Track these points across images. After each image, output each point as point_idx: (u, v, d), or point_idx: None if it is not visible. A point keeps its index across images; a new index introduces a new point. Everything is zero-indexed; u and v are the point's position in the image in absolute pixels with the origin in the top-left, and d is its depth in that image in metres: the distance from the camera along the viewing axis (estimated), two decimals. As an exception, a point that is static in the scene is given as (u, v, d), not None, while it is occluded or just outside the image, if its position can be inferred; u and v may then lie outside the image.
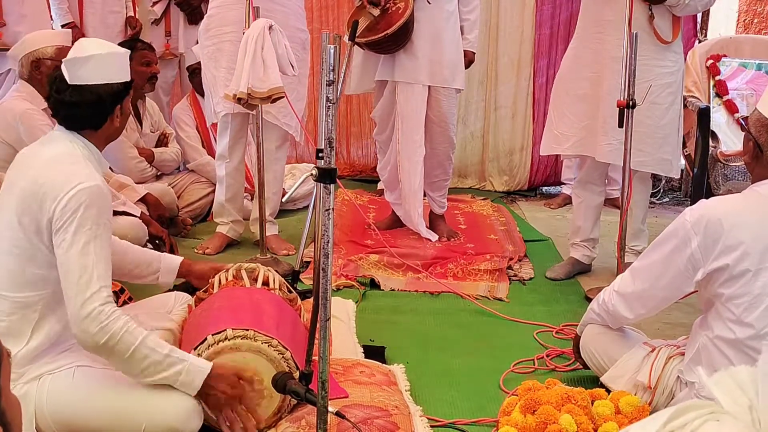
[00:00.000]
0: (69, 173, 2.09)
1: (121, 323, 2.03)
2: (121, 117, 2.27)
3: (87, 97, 2.18)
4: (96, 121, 2.22)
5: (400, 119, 4.09)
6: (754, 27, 5.82)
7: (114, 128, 2.26)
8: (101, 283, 2.04)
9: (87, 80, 2.18)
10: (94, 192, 2.07)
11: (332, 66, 1.84)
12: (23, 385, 2.10)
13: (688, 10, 3.48)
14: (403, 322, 3.28)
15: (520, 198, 5.60)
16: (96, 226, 2.06)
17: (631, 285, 2.39)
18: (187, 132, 4.79)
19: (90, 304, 2.01)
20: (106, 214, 2.11)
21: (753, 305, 2.09)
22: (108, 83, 2.20)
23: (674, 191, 5.69)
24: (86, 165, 2.15)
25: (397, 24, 3.80)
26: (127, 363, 2.06)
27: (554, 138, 3.78)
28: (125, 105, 2.28)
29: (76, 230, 2.04)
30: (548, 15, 5.65)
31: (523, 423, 2.19)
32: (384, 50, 3.98)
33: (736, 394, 0.97)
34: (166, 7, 5.16)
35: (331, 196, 1.86)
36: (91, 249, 2.04)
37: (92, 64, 2.18)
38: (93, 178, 2.10)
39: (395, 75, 4.05)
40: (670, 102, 3.55)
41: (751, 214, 2.13)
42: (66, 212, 2.04)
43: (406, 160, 4.12)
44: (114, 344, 2.02)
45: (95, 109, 2.20)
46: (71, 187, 2.05)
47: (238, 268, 2.67)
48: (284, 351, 2.23)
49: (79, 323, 2.02)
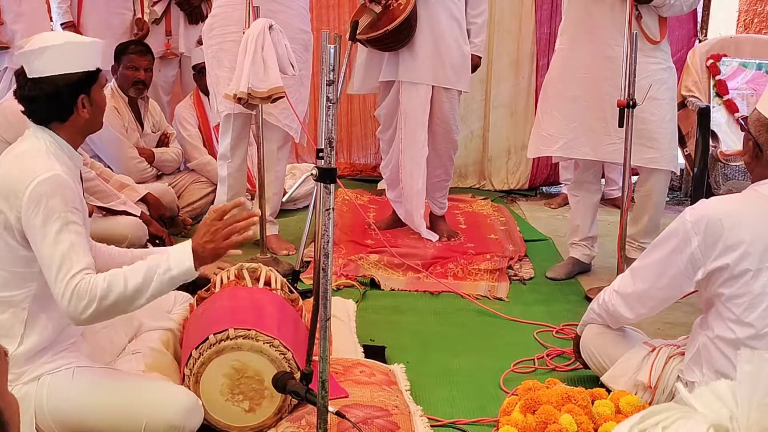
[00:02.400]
0: (28, 168, 2.07)
1: (101, 278, 2.01)
2: (93, 107, 2.20)
3: (45, 90, 2.13)
4: (60, 114, 2.17)
5: (403, 119, 4.08)
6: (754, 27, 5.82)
7: (84, 120, 2.19)
8: (81, 266, 2.01)
9: (43, 72, 2.13)
10: (54, 181, 2.04)
11: (332, 66, 1.85)
12: (22, 386, 2.10)
13: (673, 11, 3.47)
14: (404, 321, 3.29)
15: (520, 198, 5.60)
16: (65, 213, 2.03)
17: (631, 285, 2.39)
18: (189, 131, 4.79)
19: (71, 285, 1.99)
20: (72, 201, 2.06)
21: (753, 305, 2.09)
22: (65, 74, 2.13)
23: (674, 191, 5.68)
24: (47, 158, 2.11)
25: (398, 20, 3.79)
26: (127, 299, 2.03)
27: (542, 140, 3.75)
28: (94, 95, 2.20)
29: (44, 222, 2.02)
30: (547, 14, 5.65)
31: (523, 423, 2.19)
32: (386, 47, 3.97)
33: (716, 405, 0.98)
34: (166, 7, 5.16)
35: (332, 196, 1.86)
36: (64, 237, 2.02)
37: (47, 55, 2.13)
38: (51, 169, 2.06)
39: (399, 74, 4.04)
40: (669, 97, 3.56)
41: (751, 213, 2.13)
42: (30, 206, 2.02)
43: (408, 161, 4.12)
44: (107, 294, 2.00)
45: (54, 101, 2.14)
46: (30, 180, 2.03)
47: (240, 267, 2.67)
48: (286, 351, 2.24)
49: (69, 308, 2.00)
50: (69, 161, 2.18)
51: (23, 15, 4.40)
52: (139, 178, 4.35)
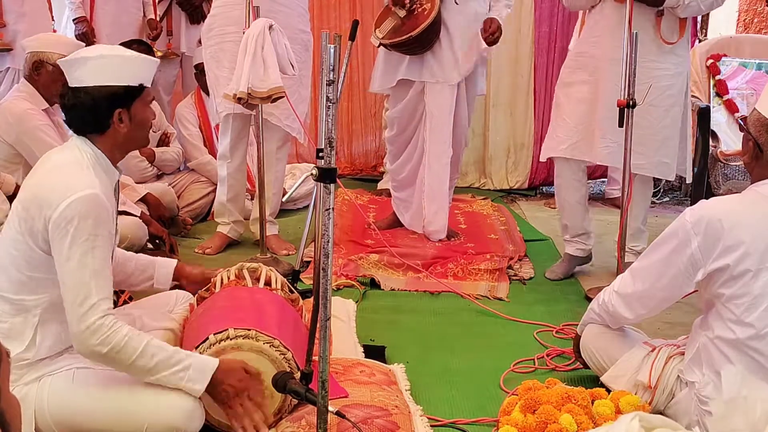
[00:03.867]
0: (67, 181, 2.05)
1: (122, 334, 2.02)
2: (132, 123, 2.19)
3: (82, 100, 2.13)
4: (96, 126, 2.17)
5: (428, 120, 4.08)
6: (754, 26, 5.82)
7: (122, 135, 2.18)
8: (100, 296, 2.01)
9: (83, 82, 2.14)
10: (91, 201, 2.02)
11: (332, 66, 1.85)
12: (23, 387, 2.10)
13: (690, 11, 3.47)
14: (404, 321, 3.29)
15: (520, 197, 5.61)
16: (93, 237, 2.02)
17: (631, 285, 2.39)
18: (190, 130, 4.79)
19: (88, 318, 2.00)
20: (104, 224, 2.05)
21: (753, 305, 2.09)
22: (104, 85, 2.14)
23: (674, 191, 5.69)
24: (88, 173, 2.10)
25: (421, 26, 3.79)
26: (132, 366, 2.05)
27: (551, 141, 3.77)
28: (134, 111, 2.19)
29: (72, 242, 2.00)
30: (547, 13, 5.66)
31: (523, 422, 2.19)
32: (410, 51, 3.97)
33: None
34: (167, 7, 5.17)
35: (331, 196, 1.86)
36: (89, 261, 2.01)
37: (89, 65, 2.14)
38: (91, 186, 2.04)
39: (423, 75, 4.03)
40: (669, 105, 3.54)
41: (751, 214, 2.13)
42: (61, 222, 2.00)
43: (435, 161, 4.11)
44: (116, 353, 2.02)
45: (91, 112, 2.14)
46: (67, 196, 2.01)
47: (240, 267, 2.67)
48: (286, 351, 2.23)
49: (79, 336, 2.02)
50: (104, 175, 2.17)
51: (25, 15, 4.41)
52: (139, 178, 4.36)
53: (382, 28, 3.91)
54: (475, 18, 4.00)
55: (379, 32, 3.91)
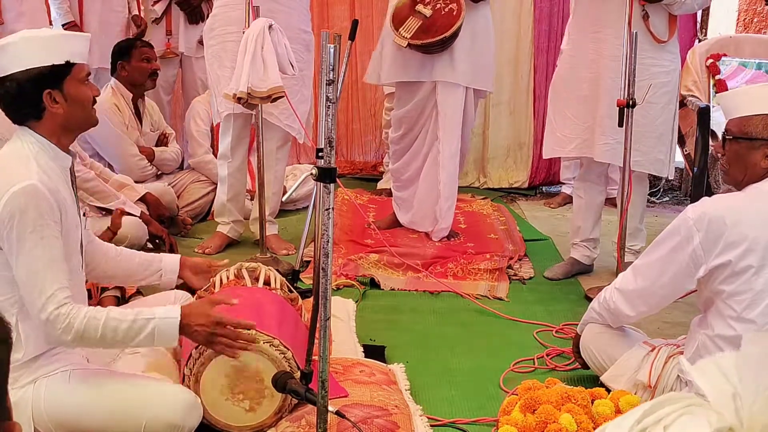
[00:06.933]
0: (3, 177, 2.02)
1: (81, 317, 2.02)
2: (68, 103, 2.10)
3: (8, 88, 2.05)
4: (30, 112, 2.09)
5: (441, 119, 4.06)
6: (754, 26, 5.82)
7: (60, 116, 2.10)
8: (55, 286, 2.00)
9: (8, 70, 2.05)
10: (27, 193, 1.97)
11: (332, 65, 1.84)
12: (18, 390, 2.08)
13: (685, 9, 3.48)
14: (403, 321, 3.29)
15: (519, 197, 5.60)
16: (40, 227, 1.99)
17: (632, 282, 2.39)
18: (199, 126, 4.77)
19: (47, 309, 1.99)
20: (48, 213, 2.00)
21: (755, 302, 2.10)
22: (27, 69, 2.04)
23: (674, 190, 5.69)
24: (25, 163, 2.04)
25: (454, 26, 3.76)
26: (102, 341, 2.06)
27: (557, 140, 3.76)
28: (68, 90, 2.10)
29: (18, 237, 1.98)
30: (547, 11, 5.66)
31: (523, 422, 2.19)
32: (431, 51, 3.93)
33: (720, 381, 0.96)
34: (166, 7, 5.16)
35: (331, 196, 1.86)
36: (38, 253, 1.99)
37: (10, 51, 2.05)
38: (27, 178, 1.99)
39: (435, 75, 4.01)
40: (665, 102, 3.55)
41: (753, 210, 2.13)
42: (4, 219, 1.98)
43: (449, 160, 4.10)
44: (81, 337, 2.03)
45: (20, 98, 2.06)
46: (3, 192, 1.98)
47: (239, 267, 2.67)
48: (286, 351, 2.23)
49: (44, 328, 2.03)
50: (52, 162, 2.11)
51: (24, 14, 4.40)
52: (139, 177, 4.35)
53: (407, 28, 3.81)
54: (487, 19, 4.01)
55: (405, 32, 3.81)
